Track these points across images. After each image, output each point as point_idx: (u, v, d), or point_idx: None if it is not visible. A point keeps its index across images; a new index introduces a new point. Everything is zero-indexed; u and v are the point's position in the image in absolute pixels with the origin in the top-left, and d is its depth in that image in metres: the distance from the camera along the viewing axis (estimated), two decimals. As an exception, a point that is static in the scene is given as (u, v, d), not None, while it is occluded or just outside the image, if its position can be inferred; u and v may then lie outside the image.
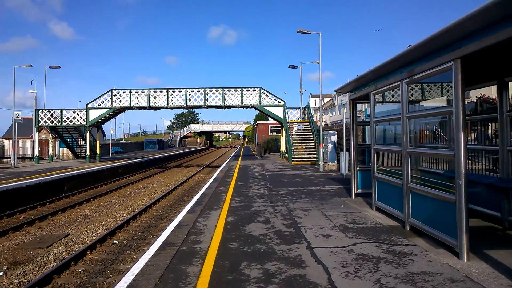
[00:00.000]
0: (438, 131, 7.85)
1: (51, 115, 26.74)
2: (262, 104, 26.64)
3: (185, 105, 26.34)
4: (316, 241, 5.54)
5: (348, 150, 15.32)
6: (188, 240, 5.83)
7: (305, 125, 27.46)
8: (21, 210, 13.25)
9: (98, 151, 28.76)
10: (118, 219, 12.16)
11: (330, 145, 18.06)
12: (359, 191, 9.34)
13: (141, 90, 26.61)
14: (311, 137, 25.24)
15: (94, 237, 9.68)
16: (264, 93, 26.74)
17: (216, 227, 6.73)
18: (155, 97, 26.53)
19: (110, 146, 40.88)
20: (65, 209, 13.68)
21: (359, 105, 10.38)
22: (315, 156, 22.31)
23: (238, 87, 26.75)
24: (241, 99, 26.53)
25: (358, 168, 9.33)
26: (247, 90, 26.73)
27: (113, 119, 35.35)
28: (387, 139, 8.92)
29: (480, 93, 7.78)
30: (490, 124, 7.07)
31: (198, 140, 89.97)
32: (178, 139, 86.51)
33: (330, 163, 18.11)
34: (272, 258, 4.76)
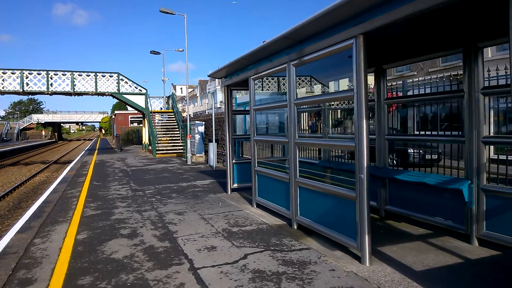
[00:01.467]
0: (323, 120, 7.69)
1: None
2: (121, 92, 23.86)
3: (21, 90, 21.56)
4: (200, 257, 4.48)
5: (217, 141, 14.64)
6: (14, 279, 4.02)
7: (169, 115, 25.83)
8: None
9: None
10: None
11: (197, 136, 17.10)
12: (235, 185, 8.64)
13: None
14: (176, 128, 23.85)
15: None
16: (123, 80, 24.01)
17: (61, 251, 4.99)
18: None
19: None
20: None
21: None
22: (182, 147, 21.09)
23: (92, 72, 23.31)
24: (96, 86, 23.21)
25: (234, 161, 8.60)
26: (102, 76, 23.53)
27: None
28: (269, 129, 8.42)
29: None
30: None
31: (43, 133, 77.49)
32: (16, 131, 72.78)
33: (198, 155, 17.19)
34: (145, 293, 3.51)
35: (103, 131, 76.58)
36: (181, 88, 20.73)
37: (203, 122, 17.31)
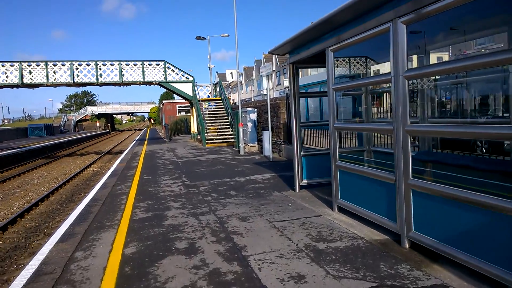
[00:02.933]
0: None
1: None
2: (168, 80, 23.22)
3: (72, 81, 21.56)
4: (286, 294, 3.19)
5: (272, 129, 13.30)
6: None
7: (217, 103, 24.89)
8: None
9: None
10: None
11: (250, 124, 15.88)
12: (305, 181, 7.26)
13: (9, 63, 20.95)
14: (225, 116, 22.85)
15: None
16: (170, 68, 23.34)
17: (105, 272, 3.94)
18: (30, 72, 21.17)
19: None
20: None
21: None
22: (232, 136, 20.04)
23: (139, 61, 22.84)
24: (143, 75, 22.73)
25: (302, 153, 7.21)
26: (149, 64, 23.00)
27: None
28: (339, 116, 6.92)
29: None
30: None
31: (97, 124, 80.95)
32: (72, 123, 76.52)
33: (251, 144, 16.00)
34: None
35: (152, 121, 78.41)
36: (231, 73, 19.75)
37: (255, 109, 16.06)
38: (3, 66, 20.85)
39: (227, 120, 22.18)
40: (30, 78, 21.16)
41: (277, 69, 49.25)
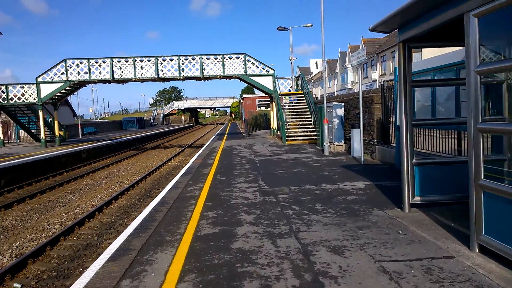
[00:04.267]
0: None
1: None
2: (247, 73, 22.40)
3: (156, 76, 21.90)
4: None
5: (364, 126, 11.41)
6: None
7: (298, 97, 23.40)
8: None
9: (57, 132, 24.31)
10: (43, 234, 8.45)
11: (335, 121, 14.14)
12: (417, 198, 5.47)
13: (102, 60, 21.99)
14: (307, 111, 21.25)
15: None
16: (250, 61, 22.47)
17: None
18: (120, 68, 22.00)
19: (80, 127, 36.24)
20: None
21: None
22: (314, 133, 18.43)
23: (219, 54, 22.36)
24: (223, 68, 22.21)
25: (414, 160, 5.42)
26: (229, 58, 22.39)
27: (88, 96, 30.82)
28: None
29: None
30: None
31: (183, 118, 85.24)
32: (161, 117, 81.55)
33: (337, 143, 14.25)
34: None
35: (233, 115, 79.88)
36: (316, 62, 17.99)
37: (343, 104, 14.26)
38: (96, 62, 21.97)
39: (309, 116, 20.60)
40: (120, 74, 21.99)
41: (364, 61, 45.87)
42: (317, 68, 18.16)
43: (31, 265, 6.56)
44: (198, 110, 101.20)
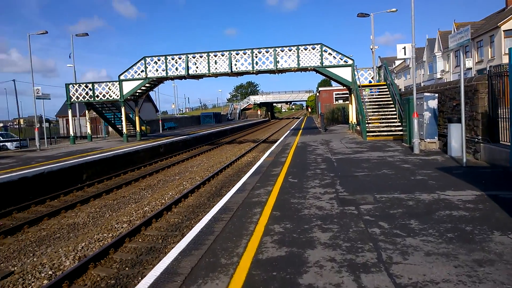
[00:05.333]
0: None
1: (83, 90, 23.69)
2: (324, 65, 20.91)
3: (230, 71, 21.54)
4: None
5: (465, 120, 9.39)
6: None
7: (380, 88, 21.23)
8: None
9: (138, 128, 25.47)
10: (110, 234, 8.27)
11: (427, 114, 12.12)
12: None
13: (178, 56, 22.29)
14: (391, 104, 19.09)
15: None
16: (327, 51, 20.95)
17: None
18: (195, 64, 22.10)
19: (160, 122, 37.98)
20: (57, 212, 10.02)
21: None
22: (399, 129, 16.38)
23: (294, 45, 21.22)
24: (298, 60, 21.02)
25: None
26: (304, 49, 21.13)
27: (170, 92, 32.13)
28: None
29: None
30: None
31: (258, 112, 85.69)
32: (237, 111, 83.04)
33: (428, 140, 12.24)
34: None
35: (309, 110, 78.04)
36: (403, 48, 16.03)
37: (436, 95, 12.18)
38: (172, 59, 22.35)
39: (393, 109, 18.46)
40: (195, 70, 22.09)
41: (467, 42, 40.88)
42: (404, 54, 16.18)
43: (92, 270, 6.23)
44: (274, 104, 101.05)
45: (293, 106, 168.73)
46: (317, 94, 53.89)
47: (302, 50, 21.09)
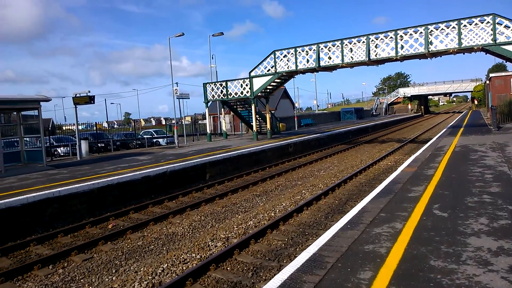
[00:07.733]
0: None
1: (218, 88, 24.05)
2: (498, 41, 15.68)
3: (367, 59, 18.30)
4: None
5: None
6: None
7: None
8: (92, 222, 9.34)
9: (268, 125, 24.59)
10: (199, 255, 6.93)
11: None
12: None
13: (308, 47, 20.25)
14: None
15: None
16: (502, 24, 15.71)
17: None
18: (327, 54, 19.69)
19: (296, 119, 36.74)
20: (165, 217, 9.45)
21: None
22: None
23: (453, 20, 16.60)
24: (459, 39, 16.34)
25: None
26: (468, 23, 16.32)
27: (311, 88, 30.88)
28: None
29: None
30: None
31: (409, 106, 76.56)
32: (384, 106, 75.94)
33: None
34: None
35: (476, 102, 65.41)
36: None
37: None
38: (302, 51, 20.45)
39: None
40: (327, 60, 19.69)
41: None
42: None
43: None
44: (429, 97, 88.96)
45: (454, 99, 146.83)
46: (487, 82, 44.07)
47: (465, 26, 16.32)
